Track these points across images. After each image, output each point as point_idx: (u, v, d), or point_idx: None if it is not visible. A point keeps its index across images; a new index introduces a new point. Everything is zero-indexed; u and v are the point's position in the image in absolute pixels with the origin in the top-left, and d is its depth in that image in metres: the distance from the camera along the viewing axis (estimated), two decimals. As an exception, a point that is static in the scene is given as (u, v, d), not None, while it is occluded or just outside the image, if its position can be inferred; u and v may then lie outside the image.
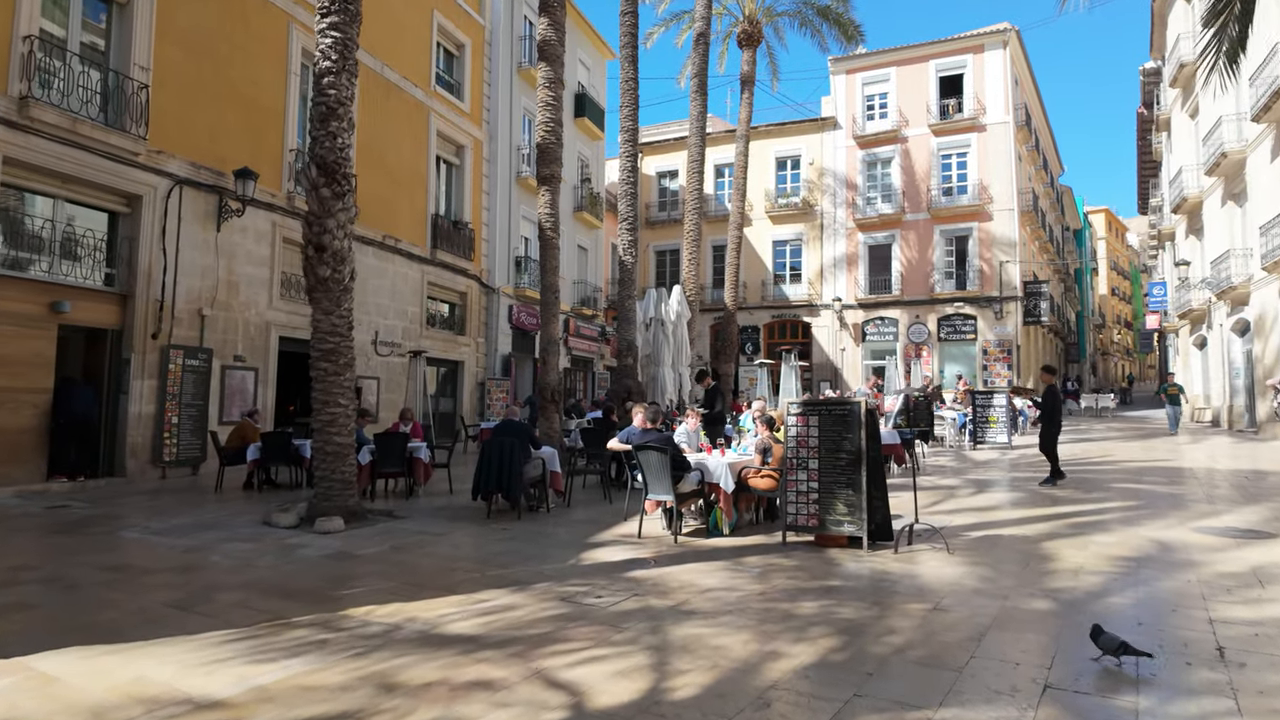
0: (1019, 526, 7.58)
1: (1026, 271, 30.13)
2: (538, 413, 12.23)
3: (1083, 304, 53.24)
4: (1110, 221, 69.90)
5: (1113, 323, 69.25)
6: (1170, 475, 11.58)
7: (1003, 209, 28.30)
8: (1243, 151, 18.60)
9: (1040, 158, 34.84)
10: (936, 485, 10.94)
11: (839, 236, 30.91)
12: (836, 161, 31.08)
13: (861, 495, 6.53)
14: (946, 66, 29.50)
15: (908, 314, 29.64)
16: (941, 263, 29.30)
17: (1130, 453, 15.27)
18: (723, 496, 7.19)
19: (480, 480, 8.22)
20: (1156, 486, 10.35)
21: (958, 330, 28.91)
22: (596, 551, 6.64)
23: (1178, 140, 25.76)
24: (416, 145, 19.17)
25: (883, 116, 30.53)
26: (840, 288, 30.68)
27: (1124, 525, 7.58)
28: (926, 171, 29.50)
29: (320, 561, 6.36)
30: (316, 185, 8.11)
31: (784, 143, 32.13)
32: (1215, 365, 22.12)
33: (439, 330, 19.99)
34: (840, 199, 30.91)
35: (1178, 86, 24.66)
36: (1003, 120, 28.44)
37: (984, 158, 28.72)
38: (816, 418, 6.86)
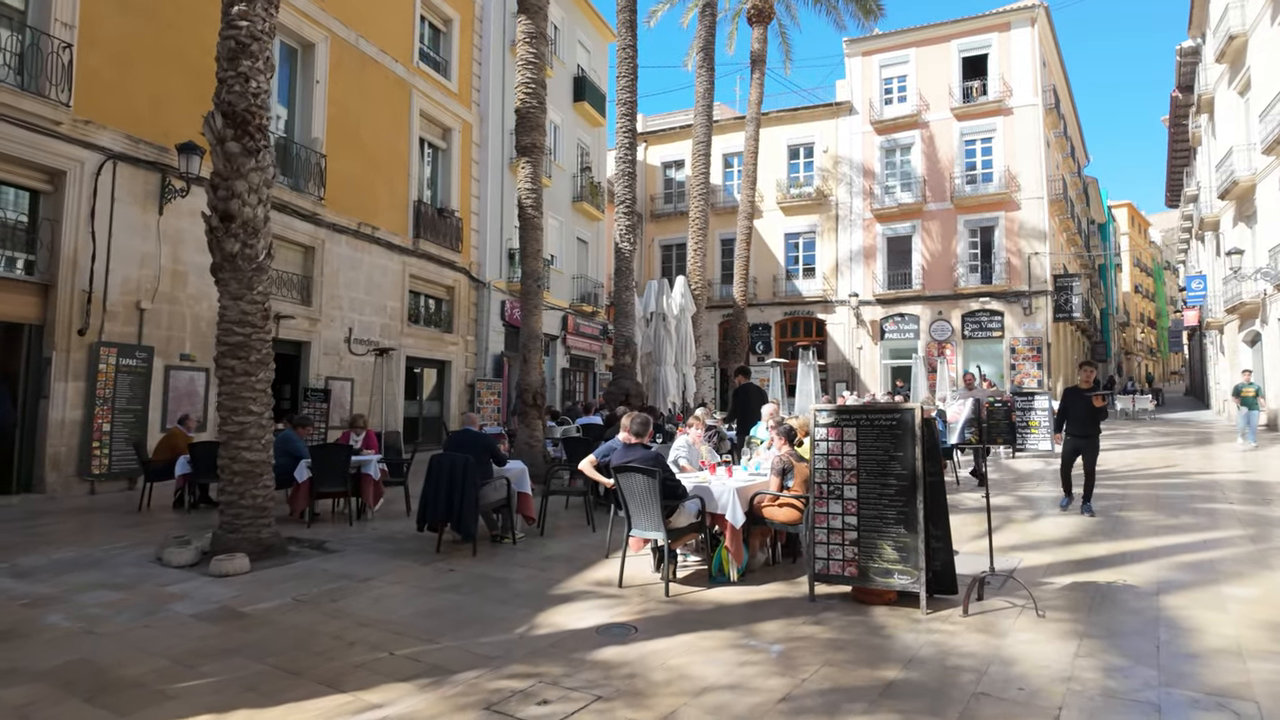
0: (1115, 569, 5.85)
1: (1056, 264, 28.24)
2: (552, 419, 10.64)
3: (1108, 301, 51.17)
4: (1133, 216, 67.64)
5: (1136, 321, 66.99)
6: (1260, 492, 9.79)
7: (1031, 197, 26.44)
8: (1310, 125, 16.73)
9: (1068, 145, 32.95)
10: (983, 505, 9.19)
11: (855, 228, 29.12)
12: (853, 149, 29.29)
13: (918, 535, 4.83)
14: (970, 46, 27.67)
15: (930, 310, 27.81)
16: (965, 255, 27.46)
17: (1194, 462, 13.46)
18: (729, 533, 5.50)
19: (426, 507, 6.56)
20: (1256, 508, 8.57)
21: (983, 327, 27.06)
22: (560, 610, 4.97)
23: (1224, 120, 23.83)
24: (397, 125, 17.58)
25: (902, 101, 28.73)
26: (857, 283, 28.89)
27: (1253, 566, 5.85)
28: (950, 158, 27.68)
29: (186, 625, 4.72)
30: (222, 138, 6.49)
31: (797, 129, 30.37)
32: (1273, 364, 20.20)
33: (423, 327, 18.40)
34: (857, 188, 29.13)
35: (1225, 62, 22.74)
36: (1031, 103, 26.58)
37: (1010, 143, 26.87)
38: (854, 430, 5.16)
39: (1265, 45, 19.45)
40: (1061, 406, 8.54)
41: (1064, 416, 8.45)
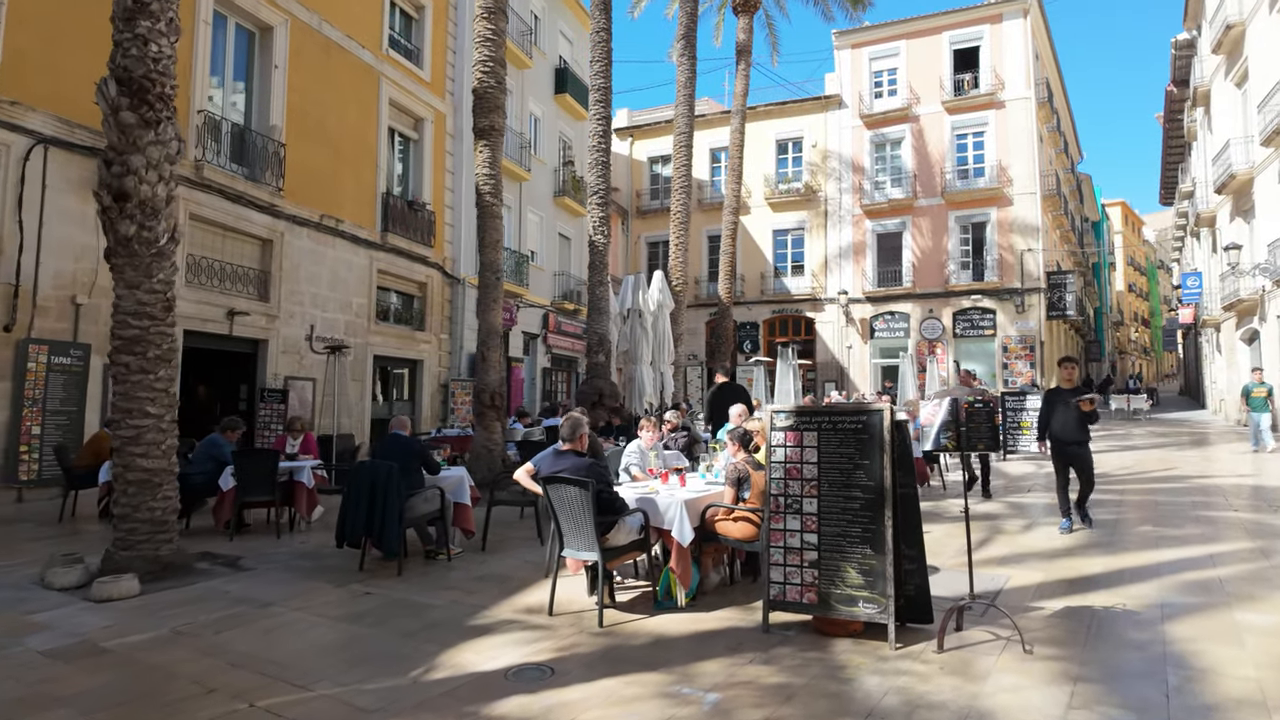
0: (1113, 590, 5.19)
1: (1049, 261, 27.67)
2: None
3: (1101, 300, 50.66)
4: (1127, 215, 67.24)
5: (1130, 320, 66.59)
6: (1264, 498, 9.17)
7: (1024, 192, 25.85)
8: (1311, 115, 16.15)
9: (1061, 140, 32.38)
10: (973, 513, 8.53)
11: (845, 224, 28.49)
12: (842, 143, 28.67)
13: (886, 557, 4.16)
14: (961, 38, 27.07)
15: (920, 308, 27.20)
16: (957, 252, 26.86)
17: (1193, 464, 12.85)
18: (675, 552, 4.82)
19: (345, 521, 5.87)
20: (1260, 515, 7.94)
21: (975, 325, 26.46)
22: (473, 646, 4.28)
23: (1220, 113, 23.27)
24: (364, 115, 16.85)
25: (892, 94, 28.12)
26: (846, 280, 28.26)
27: (1265, 587, 5.20)
28: (941, 152, 27.07)
29: (29, 665, 4.02)
30: (117, 108, 5.80)
31: (785, 123, 29.73)
32: (1271, 362, 19.62)
33: (393, 325, 17.68)
34: (846, 184, 28.50)
35: (1221, 53, 22.18)
36: (1023, 96, 25.99)
37: (1003, 137, 26.28)
38: (815, 434, 4.49)
39: (1264, 34, 18.88)
40: (1043, 411, 7.49)
41: (1047, 422, 7.38)
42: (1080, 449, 7.18)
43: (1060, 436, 7.26)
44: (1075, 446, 7.19)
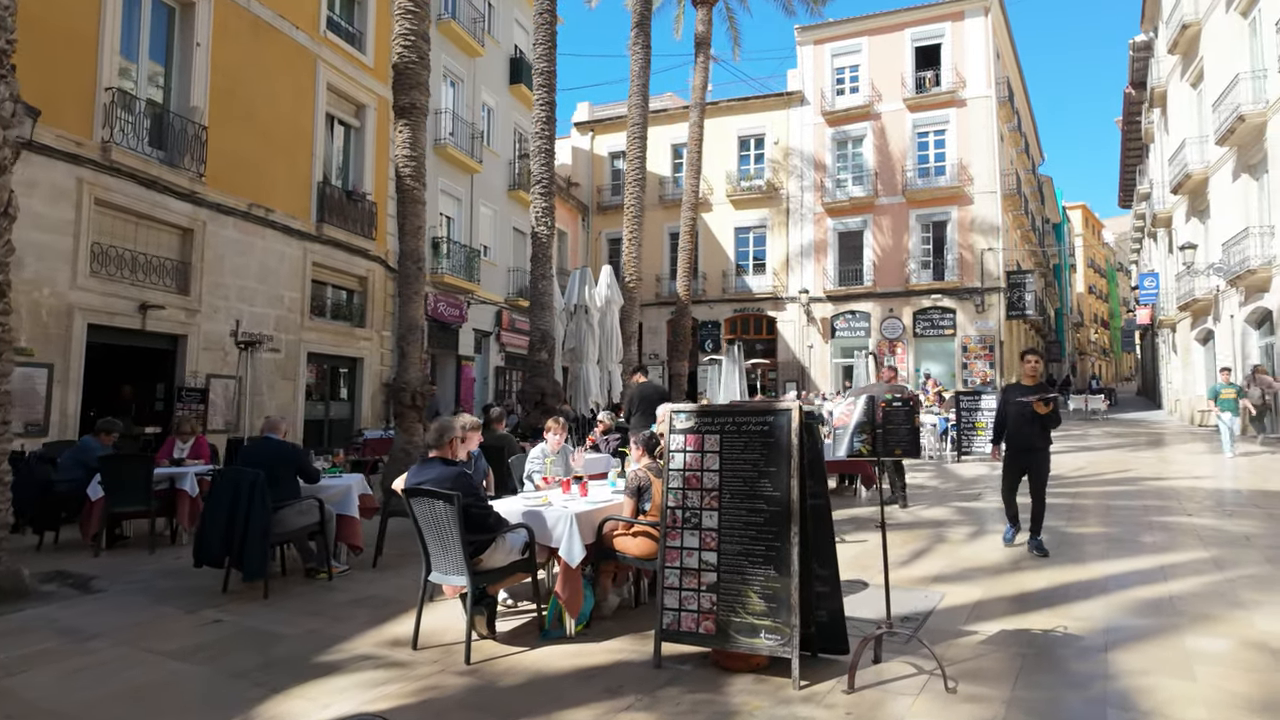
0: (1057, 609, 4.69)
1: (1009, 260, 27.61)
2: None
3: (1062, 301, 51.23)
4: (1087, 218, 68.23)
5: (1090, 321, 67.61)
6: (1220, 501, 8.84)
7: (984, 191, 25.72)
8: (1263, 114, 16.07)
9: (1022, 140, 32.44)
10: (918, 519, 8.09)
11: (806, 222, 28.15)
12: (804, 140, 28.32)
13: (791, 580, 3.59)
14: (923, 35, 26.88)
15: (881, 307, 26.95)
16: (918, 250, 26.65)
17: (1148, 466, 12.58)
18: (563, 574, 4.20)
19: (202, 539, 5.15)
20: (1216, 521, 7.57)
21: (935, 325, 26.26)
22: (310, 689, 3.63)
23: (1176, 113, 23.33)
24: (299, 99, 15.97)
25: (854, 91, 27.83)
26: (808, 279, 27.91)
27: (1220, 604, 4.74)
28: (902, 150, 26.85)
29: None
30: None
31: (746, 120, 29.31)
32: (1224, 361, 19.61)
33: (330, 321, 16.82)
34: (808, 181, 28.15)
35: (1177, 53, 22.20)
36: (984, 94, 25.86)
37: (964, 135, 26.12)
38: (717, 437, 3.91)
39: (1218, 34, 18.85)
40: (999, 410, 6.60)
41: (1003, 423, 6.45)
42: (1035, 457, 6.21)
43: (1016, 441, 6.31)
44: (1030, 454, 6.22)
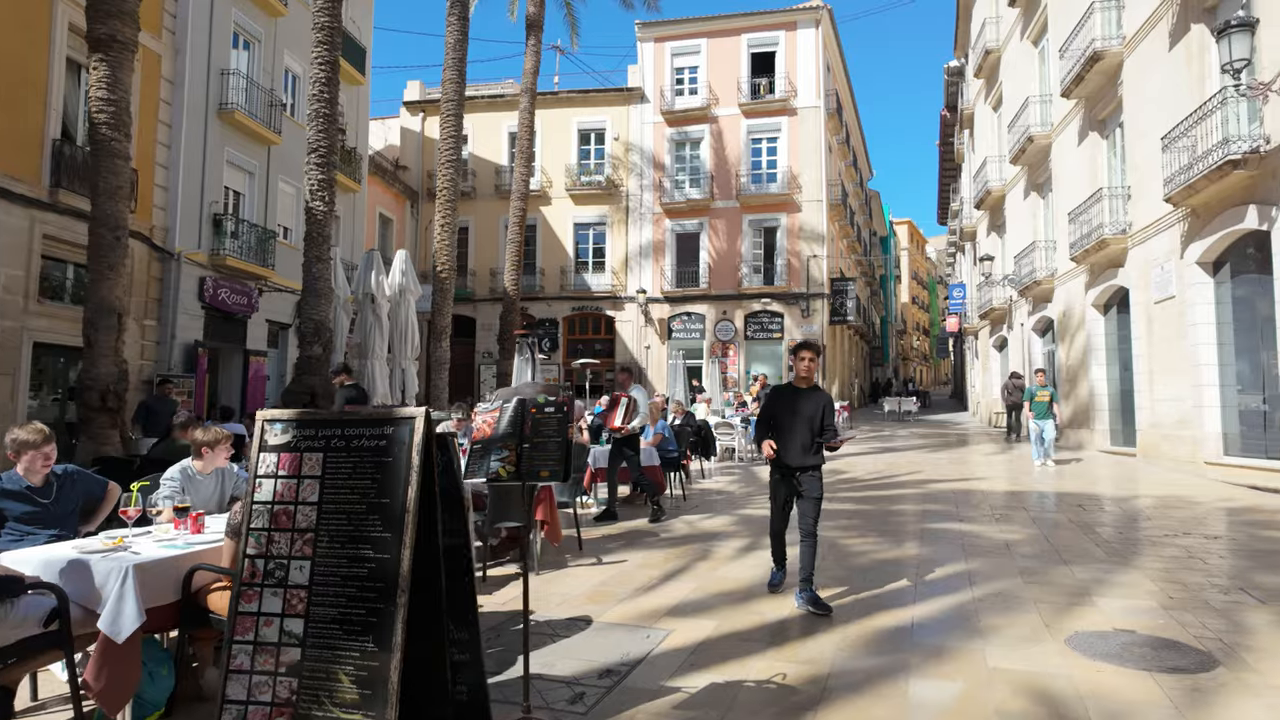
0: (784, 650, 4.02)
1: (834, 268, 28.64)
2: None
3: (887, 310, 54.75)
4: (913, 233, 73.74)
5: (912, 330, 73.04)
6: (995, 506, 8.89)
7: (811, 200, 26.45)
8: (1049, 136, 17.27)
9: (850, 154, 33.94)
10: (693, 531, 7.43)
11: (645, 222, 27.78)
12: (644, 138, 27.94)
13: (392, 654, 2.58)
14: (759, 42, 27.29)
15: (715, 309, 27.06)
16: (750, 255, 26.99)
17: (941, 468, 12.89)
18: (98, 652, 2.95)
19: None
20: (986, 527, 7.46)
21: (765, 328, 26.71)
22: None
23: (981, 134, 25.05)
24: (29, 39, 13.22)
25: (693, 92, 27.80)
26: (646, 279, 27.54)
27: (959, 635, 4.26)
28: (737, 155, 27.10)
29: None
30: None
31: (587, 113, 28.53)
32: (1016, 368, 21.13)
33: (70, 306, 14.11)
34: (648, 180, 27.80)
35: (981, 77, 23.81)
36: (814, 105, 26.62)
37: (794, 144, 26.75)
38: (319, 456, 2.84)
39: (1015, 60, 20.23)
40: (764, 413, 5.19)
41: (768, 427, 5.06)
42: (809, 477, 4.96)
43: (786, 457, 4.94)
44: (802, 475, 4.96)
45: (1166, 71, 11.77)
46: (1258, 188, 9.51)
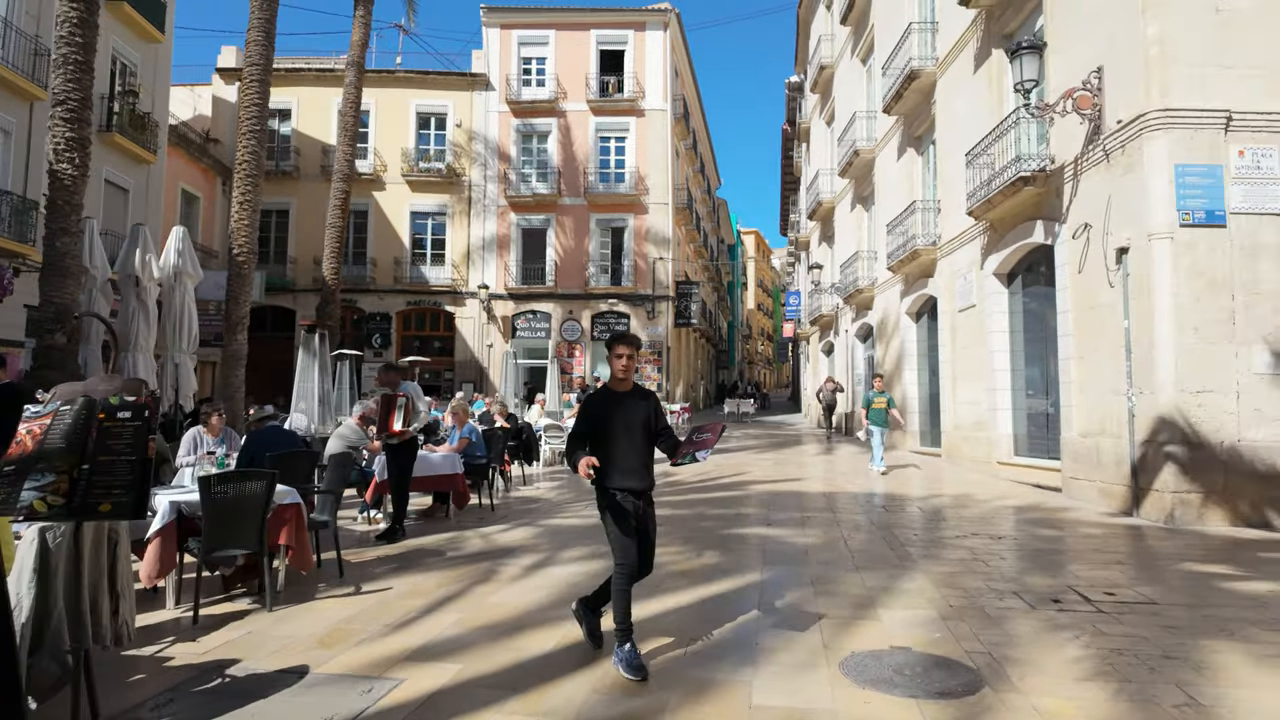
0: (527, 699, 3.40)
1: (680, 271, 28.90)
2: None
3: (734, 315, 56.59)
4: (759, 243, 76.96)
5: (757, 335, 76.21)
6: (804, 508, 8.84)
7: (658, 203, 26.49)
8: (872, 150, 18.11)
9: (698, 160, 34.51)
10: (489, 547, 6.71)
11: (490, 215, 26.65)
12: (489, 127, 26.81)
13: None
14: (608, 40, 27.00)
15: (562, 309, 26.42)
16: (598, 255, 26.62)
17: (763, 469, 12.96)
18: None
19: None
20: (789, 531, 7.28)
21: (611, 329, 26.36)
22: None
23: (816, 148, 26.13)
24: None
25: (541, 84, 27.03)
26: (490, 274, 26.41)
27: (733, 660, 3.83)
28: (585, 152, 26.64)
29: None
30: None
31: (427, 96, 26.97)
32: (841, 372, 22.13)
33: None
34: (492, 171, 26.69)
35: (817, 92, 24.80)
36: (661, 108, 26.69)
37: (643, 145, 26.69)
38: None
39: (846, 77, 21.14)
40: (580, 425, 3.97)
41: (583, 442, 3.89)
42: (649, 502, 3.96)
43: (620, 479, 3.82)
44: (644, 497, 3.90)
45: (972, 92, 12.47)
46: (1044, 205, 10.16)
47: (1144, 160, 8.01)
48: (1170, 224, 7.81)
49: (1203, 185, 7.83)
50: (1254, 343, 7.69)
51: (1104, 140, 8.66)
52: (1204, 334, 7.70)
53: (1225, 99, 7.87)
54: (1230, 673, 3.64)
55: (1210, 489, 7.53)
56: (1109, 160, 8.61)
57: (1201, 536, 6.98)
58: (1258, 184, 7.85)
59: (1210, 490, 7.53)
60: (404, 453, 7.09)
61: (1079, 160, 9.20)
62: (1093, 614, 4.57)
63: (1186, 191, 7.83)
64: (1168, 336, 7.75)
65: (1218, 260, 7.77)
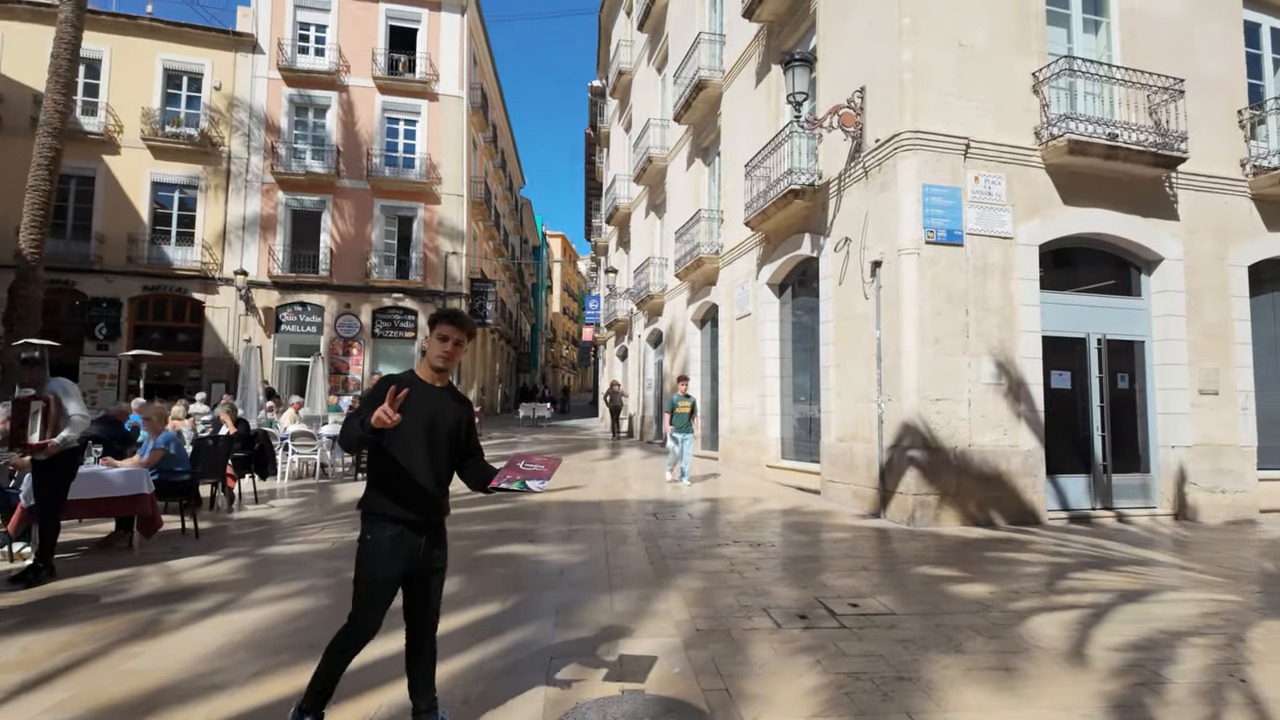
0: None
1: (476, 268, 27.60)
2: None
3: (538, 318, 55.82)
4: (566, 247, 76.90)
5: (561, 338, 76.07)
6: (577, 523, 8.29)
7: (452, 194, 25.04)
8: (665, 158, 18.26)
9: (499, 155, 33.38)
10: (166, 586, 5.36)
11: (253, 191, 23.58)
12: (255, 94, 23.76)
13: None
14: (400, 15, 25.10)
15: (338, 301, 24.02)
16: (382, 244, 24.58)
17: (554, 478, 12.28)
18: None
19: None
20: (552, 550, 6.66)
21: (396, 326, 24.50)
22: None
23: (615, 153, 26.17)
24: None
25: (320, 53, 24.48)
26: (250, 259, 23.34)
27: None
28: (370, 132, 24.51)
29: None
30: None
31: (180, 51, 23.34)
32: (633, 377, 22.20)
33: None
34: (258, 143, 23.66)
35: (616, 97, 24.83)
36: (456, 94, 25.28)
37: (435, 132, 25.09)
38: None
39: (644, 84, 21.26)
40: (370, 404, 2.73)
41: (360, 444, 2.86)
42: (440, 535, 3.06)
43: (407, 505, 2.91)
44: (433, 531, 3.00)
45: (753, 105, 12.79)
46: (811, 218, 10.53)
47: (897, 179, 8.43)
48: (917, 241, 8.27)
49: (945, 206, 8.39)
50: (983, 354, 8.35)
51: (864, 158, 9.05)
52: (943, 345, 8.22)
53: (965, 127, 8.51)
54: (955, 693, 3.52)
55: (945, 491, 8.03)
56: (868, 177, 9.01)
57: (937, 537, 7.37)
58: (988, 209, 8.56)
59: (945, 492, 8.03)
60: (55, 470, 5.50)
61: (842, 176, 9.58)
62: (836, 630, 4.39)
63: (932, 211, 8.33)
64: (913, 347, 8.18)
65: (956, 277, 8.35)
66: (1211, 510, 9.05)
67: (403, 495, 2.88)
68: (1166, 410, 9.24)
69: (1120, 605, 4.98)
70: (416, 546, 2.90)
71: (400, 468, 2.88)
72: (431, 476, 2.94)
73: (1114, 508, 8.99)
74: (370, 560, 2.85)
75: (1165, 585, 5.64)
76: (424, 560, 2.94)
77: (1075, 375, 9.08)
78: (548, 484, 3.00)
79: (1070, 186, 8.87)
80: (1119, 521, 8.73)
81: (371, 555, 2.85)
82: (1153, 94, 8.96)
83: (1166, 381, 9.26)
